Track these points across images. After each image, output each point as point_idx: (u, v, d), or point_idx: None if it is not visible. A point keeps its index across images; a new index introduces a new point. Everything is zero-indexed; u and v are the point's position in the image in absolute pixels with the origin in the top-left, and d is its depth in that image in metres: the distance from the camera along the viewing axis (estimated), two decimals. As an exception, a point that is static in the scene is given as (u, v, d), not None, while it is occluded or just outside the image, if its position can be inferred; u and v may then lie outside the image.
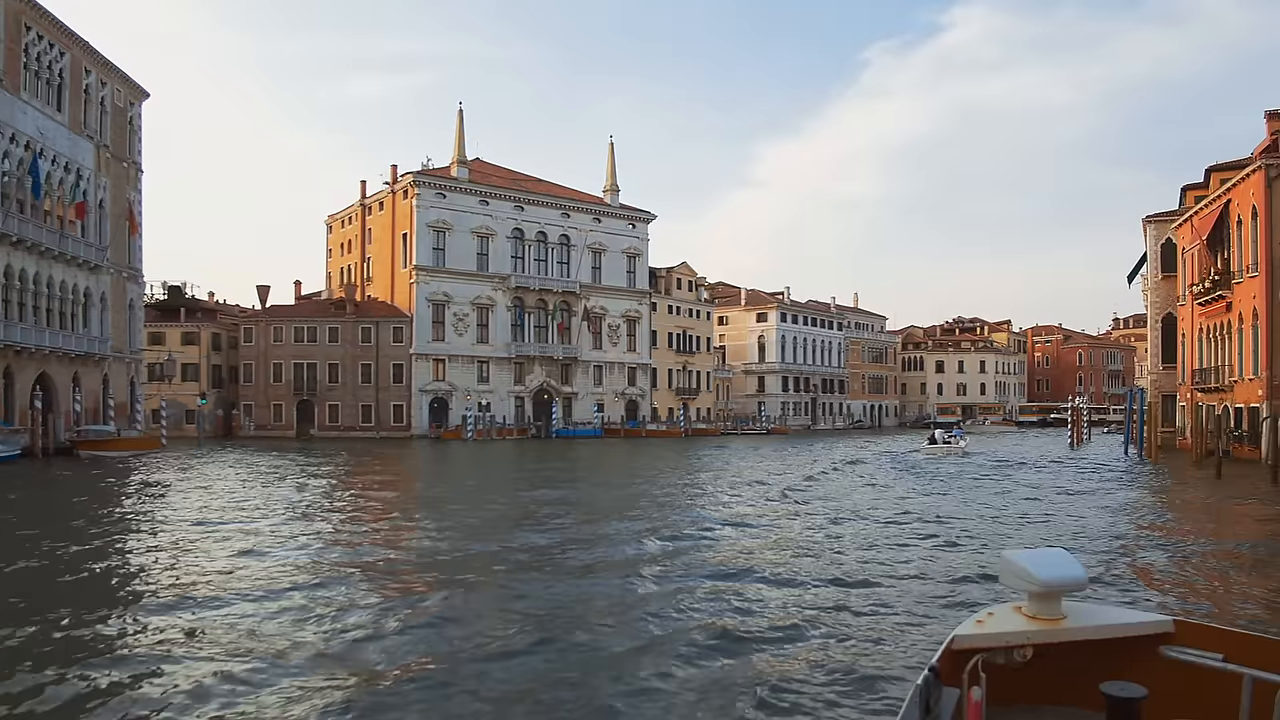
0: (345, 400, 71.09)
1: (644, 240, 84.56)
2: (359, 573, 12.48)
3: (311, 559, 13.70)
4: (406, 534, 16.86)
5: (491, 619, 9.85)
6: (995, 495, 24.14)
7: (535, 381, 76.12)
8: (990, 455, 44.55)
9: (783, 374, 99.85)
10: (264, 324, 71.69)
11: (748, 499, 23.33)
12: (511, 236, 76.03)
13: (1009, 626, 3.89)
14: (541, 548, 14.66)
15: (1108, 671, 3.75)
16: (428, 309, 71.32)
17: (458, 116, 74.69)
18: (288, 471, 32.89)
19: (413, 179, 71.37)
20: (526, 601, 10.60)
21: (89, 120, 47.52)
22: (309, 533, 16.49)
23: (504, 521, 18.52)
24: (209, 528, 17.14)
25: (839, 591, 11.13)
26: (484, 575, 12.60)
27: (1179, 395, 46.41)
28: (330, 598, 10.81)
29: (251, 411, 71.30)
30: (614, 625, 9.54)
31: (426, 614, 9.94)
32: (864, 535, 16.37)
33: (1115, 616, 4.10)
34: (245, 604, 10.42)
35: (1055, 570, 3.89)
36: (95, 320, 47.53)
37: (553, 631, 9.18)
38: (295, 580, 11.91)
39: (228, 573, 12.45)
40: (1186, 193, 50.06)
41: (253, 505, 21.20)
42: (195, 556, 13.98)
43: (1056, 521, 18.47)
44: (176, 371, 56.37)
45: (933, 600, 10.58)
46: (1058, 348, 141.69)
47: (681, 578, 12.20)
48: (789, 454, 47.74)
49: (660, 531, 16.48)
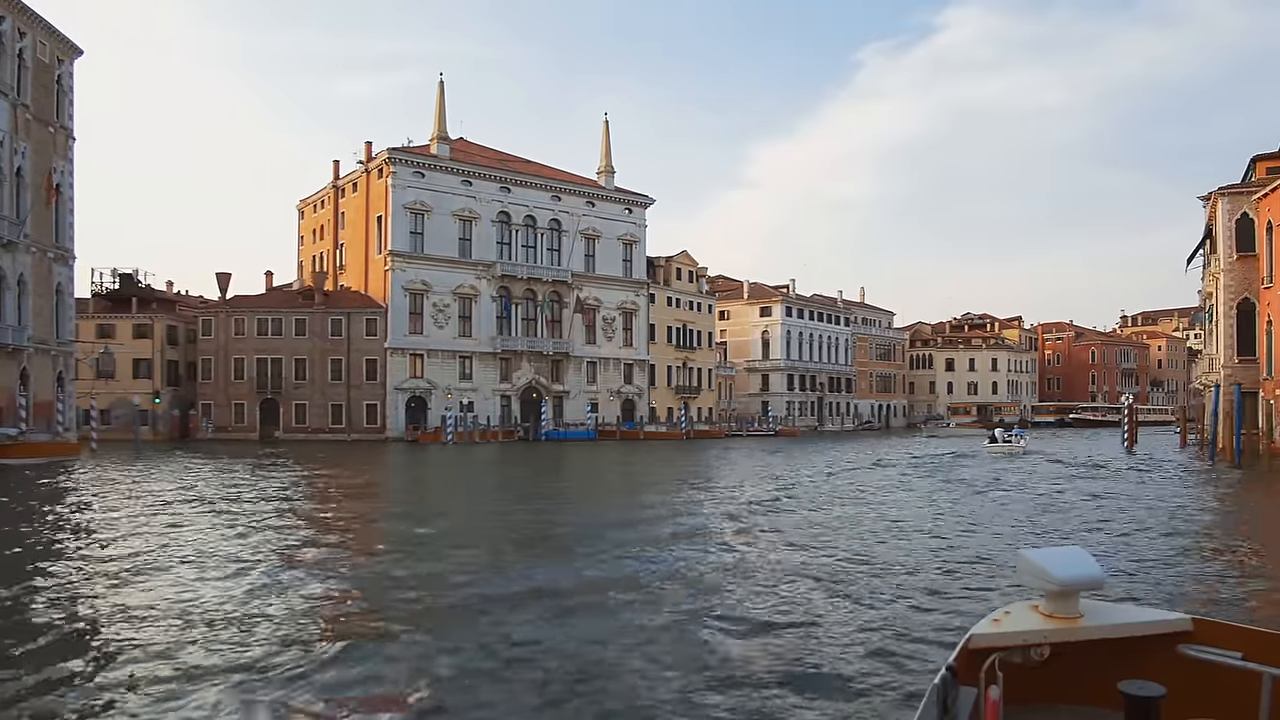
0: (313, 399, 64.64)
1: (641, 226, 78.23)
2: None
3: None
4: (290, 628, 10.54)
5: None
6: (1163, 535, 15.94)
7: (523, 379, 69.71)
8: (1049, 455, 40.03)
9: (788, 371, 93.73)
10: (224, 316, 65.21)
11: (829, 539, 16.83)
12: (497, 220, 69.64)
13: (1026, 625, 3.82)
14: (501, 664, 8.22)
15: (1125, 670, 3.58)
16: (404, 299, 64.89)
17: (438, 89, 68.50)
18: (225, 484, 26.48)
19: (388, 156, 64.93)
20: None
21: (3, 75, 41.03)
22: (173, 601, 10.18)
23: (448, 590, 12.03)
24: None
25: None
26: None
27: (1262, 392, 40.38)
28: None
29: (210, 412, 64.80)
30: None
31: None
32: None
33: (1133, 615, 4.04)
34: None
35: (1072, 569, 3.79)
36: (10, 306, 41.00)
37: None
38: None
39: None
40: (1257, 164, 44.34)
41: (121, 548, 14.91)
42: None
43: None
44: (114, 367, 49.81)
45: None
46: (1069, 345, 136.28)
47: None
48: (817, 459, 41.52)
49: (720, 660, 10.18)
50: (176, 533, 16.08)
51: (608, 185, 76.30)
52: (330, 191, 74.12)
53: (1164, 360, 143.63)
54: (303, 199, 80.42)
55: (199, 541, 14.94)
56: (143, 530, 16.48)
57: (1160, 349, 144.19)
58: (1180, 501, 21.86)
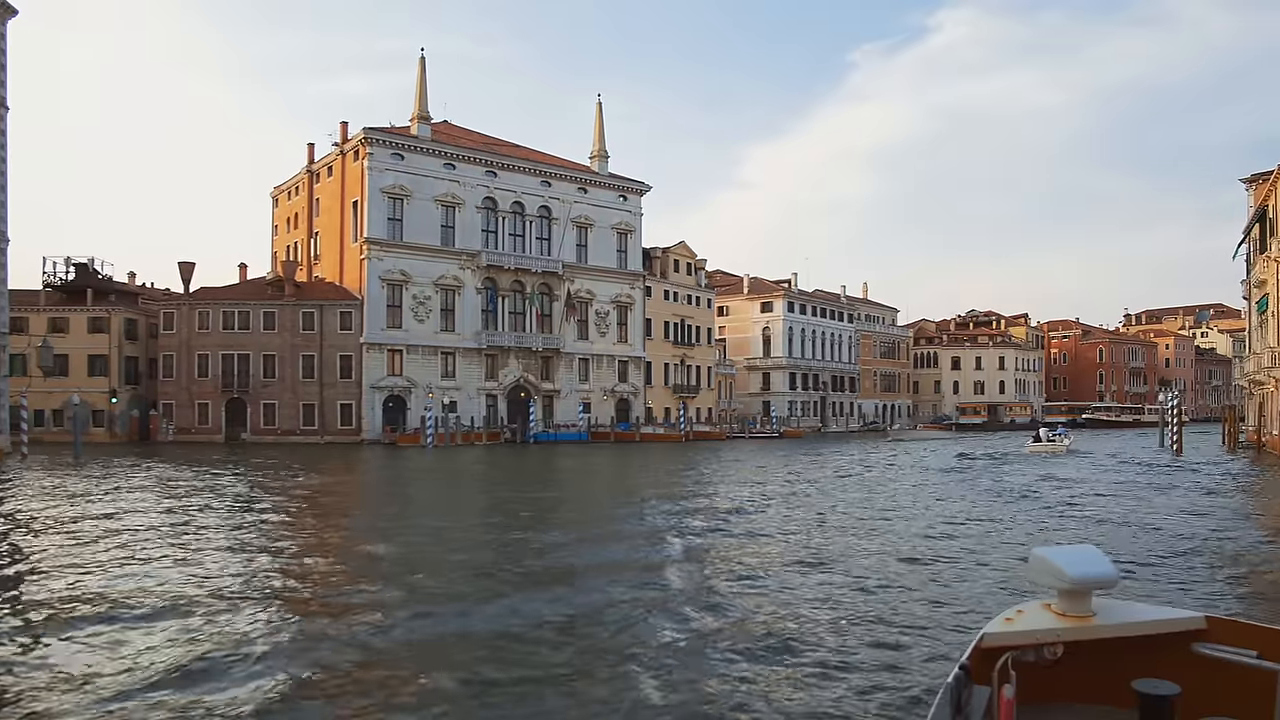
0: (283, 399, 59.83)
1: (637, 215, 73.57)
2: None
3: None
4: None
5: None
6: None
7: (510, 377, 65.00)
8: (1093, 456, 37.21)
9: (790, 370, 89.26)
10: (187, 309, 60.34)
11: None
12: (482, 207, 64.91)
13: (1039, 624, 3.72)
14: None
15: (1139, 669, 3.57)
16: (381, 290, 60.10)
17: (419, 65, 63.72)
18: (161, 497, 21.80)
19: (364, 136, 60.15)
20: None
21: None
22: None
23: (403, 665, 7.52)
24: None
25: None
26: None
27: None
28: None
29: (172, 413, 59.94)
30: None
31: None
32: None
33: (1146, 613, 3.90)
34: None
35: (1085, 567, 3.68)
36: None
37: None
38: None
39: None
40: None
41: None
42: None
43: None
44: (53, 362, 44.96)
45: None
46: (1075, 344, 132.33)
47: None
48: (835, 461, 36.99)
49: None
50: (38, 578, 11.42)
51: (601, 170, 71.63)
52: (305, 177, 69.35)
53: (1172, 359, 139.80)
54: (277, 186, 75.65)
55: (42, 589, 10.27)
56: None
57: (1168, 348, 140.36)
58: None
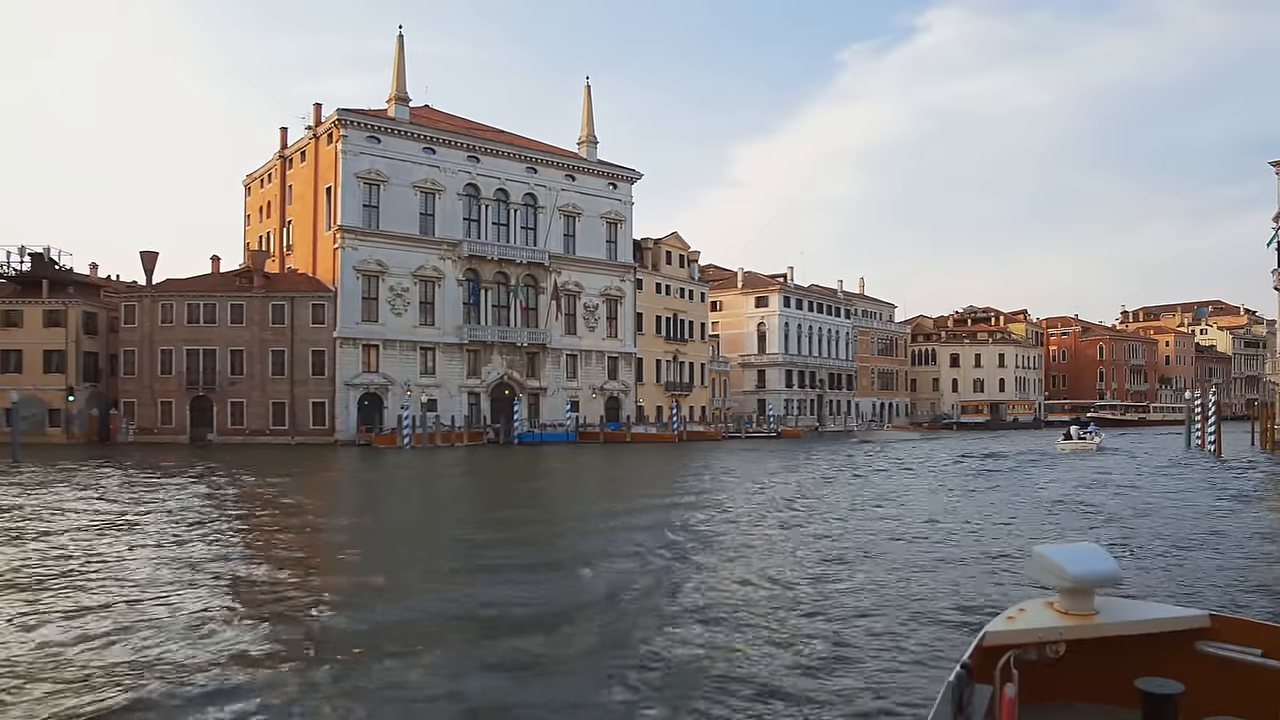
0: (252, 397, 56.28)
1: (627, 204, 70.24)
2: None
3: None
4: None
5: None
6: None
7: (493, 374, 61.57)
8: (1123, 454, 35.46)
9: (786, 367, 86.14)
10: (149, 301, 56.75)
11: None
12: (464, 194, 61.45)
13: (1041, 622, 3.67)
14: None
15: (1142, 667, 3.49)
16: (356, 281, 56.59)
17: (397, 44, 60.24)
18: (97, 512, 18.38)
19: (338, 118, 56.62)
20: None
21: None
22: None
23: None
24: None
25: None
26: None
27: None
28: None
29: (133, 411, 56.34)
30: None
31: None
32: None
33: (1149, 611, 3.88)
34: None
35: (1088, 565, 3.64)
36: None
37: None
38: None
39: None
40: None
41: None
42: None
43: None
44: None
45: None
46: (1075, 341, 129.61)
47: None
48: (850, 463, 33.77)
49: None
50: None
51: (589, 156, 68.25)
52: (278, 163, 65.73)
53: (1172, 357, 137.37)
54: (249, 174, 72.01)
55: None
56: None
57: (1168, 345, 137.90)
58: None
